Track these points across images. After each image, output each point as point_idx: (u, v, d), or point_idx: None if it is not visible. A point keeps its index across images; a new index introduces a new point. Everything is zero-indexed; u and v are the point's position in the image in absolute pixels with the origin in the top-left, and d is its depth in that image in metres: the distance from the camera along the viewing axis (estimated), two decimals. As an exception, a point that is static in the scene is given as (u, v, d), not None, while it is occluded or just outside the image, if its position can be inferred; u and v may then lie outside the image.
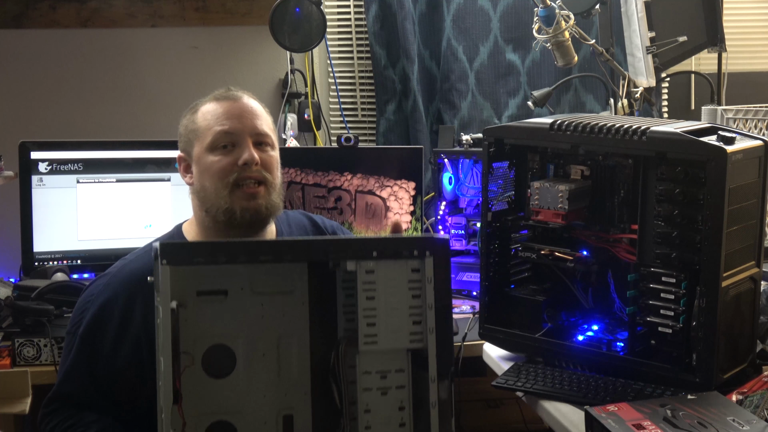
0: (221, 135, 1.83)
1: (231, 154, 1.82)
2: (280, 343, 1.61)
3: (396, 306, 1.56)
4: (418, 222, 2.95)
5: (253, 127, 1.85)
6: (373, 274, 1.55)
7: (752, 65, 3.53)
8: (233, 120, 1.84)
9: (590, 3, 2.71)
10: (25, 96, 3.20)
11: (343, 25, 3.39)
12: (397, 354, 1.58)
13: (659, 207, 1.80)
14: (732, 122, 2.52)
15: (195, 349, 1.55)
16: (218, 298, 1.56)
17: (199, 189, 1.85)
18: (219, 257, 1.50)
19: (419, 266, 1.57)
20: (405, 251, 1.57)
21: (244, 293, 1.58)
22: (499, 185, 2.06)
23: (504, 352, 2.09)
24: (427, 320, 1.56)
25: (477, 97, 3.30)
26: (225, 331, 1.57)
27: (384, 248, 1.56)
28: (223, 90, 1.93)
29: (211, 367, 1.56)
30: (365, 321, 1.55)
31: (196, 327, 1.54)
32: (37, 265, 2.72)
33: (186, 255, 1.48)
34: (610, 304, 1.97)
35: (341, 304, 1.63)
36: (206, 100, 1.91)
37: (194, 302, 1.54)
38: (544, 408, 1.82)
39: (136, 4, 3.21)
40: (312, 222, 2.06)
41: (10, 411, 2.21)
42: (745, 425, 1.50)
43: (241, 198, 1.81)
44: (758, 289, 1.86)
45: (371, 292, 1.55)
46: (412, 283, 1.58)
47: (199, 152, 1.85)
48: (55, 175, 2.74)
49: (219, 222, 1.82)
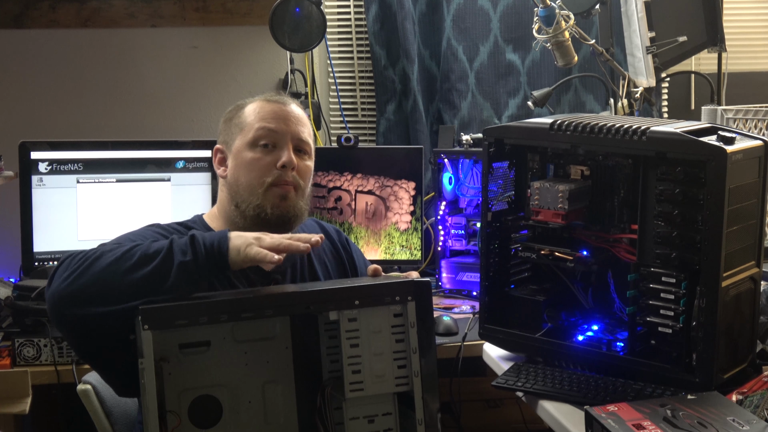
0: (265, 132, 1.87)
1: (271, 154, 1.86)
2: (265, 389, 1.62)
3: (380, 351, 1.57)
4: (418, 222, 2.95)
5: (296, 132, 1.89)
6: (355, 322, 1.56)
7: (752, 65, 3.53)
8: (279, 121, 1.88)
9: (590, 3, 2.71)
10: (25, 96, 3.20)
11: (343, 25, 3.39)
12: (383, 398, 1.59)
13: (659, 207, 1.80)
14: (732, 122, 2.52)
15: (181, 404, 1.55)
16: (201, 350, 1.57)
17: (232, 182, 1.88)
18: (200, 318, 1.50)
19: (402, 311, 1.58)
20: (387, 297, 1.57)
21: (226, 342, 1.59)
22: (499, 185, 2.06)
23: (504, 352, 2.09)
24: (411, 364, 1.57)
25: (477, 97, 3.30)
26: (210, 382, 1.58)
27: (366, 296, 1.56)
28: (273, 93, 1.98)
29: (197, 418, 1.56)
30: (350, 368, 1.55)
31: (181, 379, 1.55)
32: (37, 265, 2.71)
33: (168, 318, 1.49)
34: (610, 304, 1.97)
35: (325, 346, 1.64)
36: (255, 99, 1.94)
37: (177, 355, 1.55)
38: (544, 408, 1.82)
39: (136, 4, 3.21)
40: (324, 230, 2.07)
41: (10, 411, 2.21)
42: (745, 425, 1.50)
43: (274, 196, 1.84)
44: (758, 289, 1.86)
45: (355, 340, 1.56)
46: (396, 327, 1.58)
47: (240, 146, 1.88)
48: (55, 175, 2.74)
49: (247, 217, 1.84)
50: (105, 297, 1.56)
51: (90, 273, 1.58)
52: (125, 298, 1.54)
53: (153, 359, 1.45)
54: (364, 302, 1.55)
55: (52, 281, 1.62)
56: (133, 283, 1.55)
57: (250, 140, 1.87)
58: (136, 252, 1.59)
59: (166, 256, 1.57)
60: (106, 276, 1.57)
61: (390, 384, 1.57)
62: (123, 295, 1.55)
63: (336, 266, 2.02)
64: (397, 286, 1.58)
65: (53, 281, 1.61)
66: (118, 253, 1.60)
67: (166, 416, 1.49)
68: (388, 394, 1.59)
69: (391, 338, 1.57)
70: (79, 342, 1.66)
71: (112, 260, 1.59)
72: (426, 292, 1.60)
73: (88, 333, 1.61)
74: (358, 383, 1.55)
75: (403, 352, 1.58)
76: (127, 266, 1.57)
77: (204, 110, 3.31)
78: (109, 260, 1.59)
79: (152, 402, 1.44)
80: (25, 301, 2.37)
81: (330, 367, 1.63)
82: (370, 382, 1.56)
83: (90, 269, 1.58)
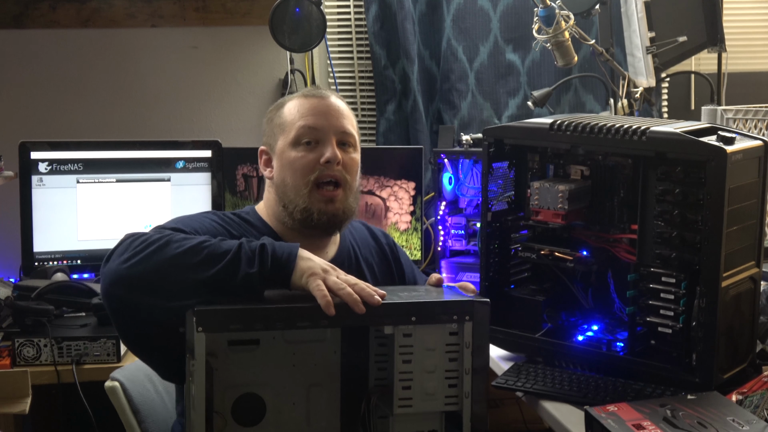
0: (306, 130, 1.84)
1: (314, 151, 1.83)
2: (310, 392, 1.59)
3: (432, 369, 1.53)
4: (418, 222, 2.95)
5: (339, 125, 1.86)
6: (410, 338, 1.52)
7: (752, 65, 3.53)
8: (319, 117, 1.85)
9: (590, 3, 2.71)
10: (25, 96, 3.20)
11: (343, 25, 3.39)
12: (431, 416, 1.56)
13: (659, 207, 1.80)
14: (732, 122, 2.52)
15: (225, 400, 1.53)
16: (250, 348, 1.55)
17: (279, 183, 1.86)
18: (255, 324, 1.48)
19: (458, 330, 1.54)
20: (444, 315, 1.53)
21: (276, 342, 1.56)
22: (499, 185, 2.06)
23: (504, 352, 2.09)
24: (463, 384, 1.53)
25: (477, 97, 3.30)
26: (255, 380, 1.55)
27: (423, 313, 1.52)
28: (311, 87, 1.94)
29: (241, 416, 1.54)
30: (401, 384, 1.52)
31: (227, 376, 1.53)
32: (37, 265, 2.72)
33: (222, 322, 1.45)
34: (610, 304, 1.97)
35: (373, 353, 1.61)
36: (293, 96, 1.92)
37: (225, 352, 1.52)
38: (544, 408, 1.81)
39: (136, 4, 3.21)
40: (371, 233, 2.05)
41: (10, 411, 2.21)
42: (745, 425, 1.50)
43: (320, 200, 1.82)
44: (758, 289, 1.86)
45: (408, 356, 1.52)
46: (450, 346, 1.54)
47: (283, 146, 1.86)
48: (55, 175, 2.74)
49: (295, 220, 1.83)
50: (163, 290, 1.51)
51: (153, 261, 1.52)
52: (183, 296, 1.49)
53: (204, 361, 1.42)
54: (421, 319, 1.51)
55: (110, 258, 1.56)
56: (194, 283, 1.50)
57: (292, 139, 1.84)
58: (204, 249, 1.53)
59: (233, 262, 1.52)
60: (168, 268, 1.52)
61: (439, 402, 1.54)
62: (182, 292, 1.50)
63: (383, 270, 2.00)
64: (455, 305, 1.54)
65: (111, 259, 1.56)
66: (185, 246, 1.54)
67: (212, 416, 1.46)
68: (437, 412, 1.56)
69: (444, 356, 1.54)
70: (125, 326, 1.61)
71: (177, 252, 1.53)
72: (484, 312, 1.55)
73: (137, 320, 1.57)
74: (407, 399, 1.52)
75: (456, 371, 1.54)
76: (192, 263, 1.52)
77: (204, 110, 3.31)
78: (174, 251, 1.53)
79: (200, 403, 1.42)
80: (25, 301, 2.37)
81: (377, 374, 1.60)
82: (419, 399, 1.53)
83: (153, 257, 1.53)
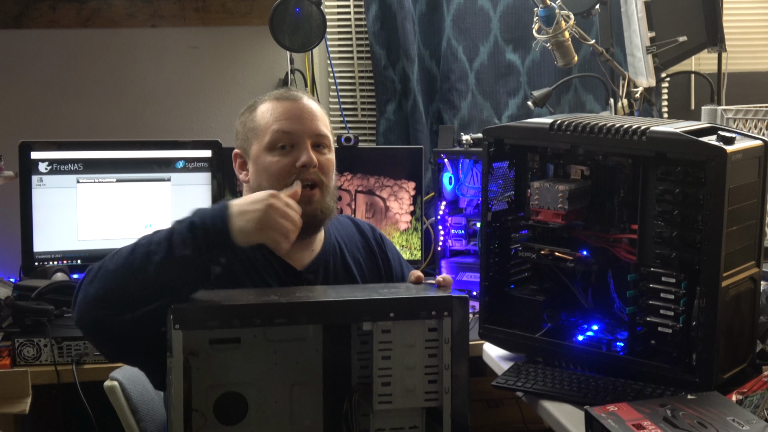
0: (280, 135, 1.83)
1: (289, 155, 1.83)
2: (293, 390, 1.59)
3: (412, 365, 1.54)
4: (418, 222, 2.95)
5: (313, 128, 1.85)
6: (389, 334, 1.53)
7: (752, 65, 3.53)
8: (293, 121, 1.84)
9: (590, 3, 2.71)
10: (25, 96, 3.20)
11: (343, 25, 3.39)
12: (412, 412, 1.56)
13: (659, 207, 1.80)
14: (732, 122, 2.52)
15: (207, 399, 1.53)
16: (231, 346, 1.55)
17: (255, 187, 1.84)
18: (232, 321, 1.48)
19: (437, 326, 1.54)
20: (423, 311, 1.54)
21: (257, 341, 1.57)
22: (499, 185, 2.06)
23: (504, 352, 2.09)
24: (443, 380, 1.54)
25: (477, 97, 3.30)
26: (237, 379, 1.55)
27: (401, 309, 1.53)
28: (282, 90, 1.93)
29: (223, 415, 1.54)
30: (380, 380, 1.53)
31: (209, 375, 1.53)
32: (37, 265, 2.72)
33: (199, 319, 1.47)
34: (610, 304, 1.97)
35: (355, 351, 1.61)
36: (265, 99, 1.90)
37: (207, 351, 1.53)
38: (544, 408, 1.81)
39: (136, 4, 3.21)
40: (358, 228, 2.05)
41: (10, 411, 2.21)
42: (745, 425, 1.50)
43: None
44: (758, 289, 1.86)
45: (387, 352, 1.53)
46: (429, 342, 1.55)
47: (257, 151, 1.85)
48: (55, 175, 2.74)
49: None
50: (122, 302, 1.53)
51: (103, 279, 1.55)
52: (143, 302, 1.51)
53: (182, 358, 1.43)
54: (400, 315, 1.52)
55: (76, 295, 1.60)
56: (143, 286, 1.52)
57: (267, 144, 1.84)
58: (139, 248, 1.55)
59: (168, 251, 1.53)
60: (117, 281, 1.54)
61: (419, 398, 1.55)
62: (140, 299, 1.51)
63: (370, 265, 1.99)
64: (434, 301, 1.55)
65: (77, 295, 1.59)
66: (124, 253, 1.56)
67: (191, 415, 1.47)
68: (417, 408, 1.57)
69: (424, 353, 1.55)
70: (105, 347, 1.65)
71: (119, 263, 1.55)
72: (463, 308, 1.56)
73: (113, 338, 1.59)
74: (387, 395, 1.53)
75: (435, 367, 1.55)
76: (134, 267, 1.53)
77: (204, 110, 3.31)
78: (115, 264, 1.56)
79: (178, 400, 1.43)
80: (25, 301, 2.38)
81: (359, 372, 1.61)
82: (399, 395, 1.54)
83: (99, 274, 1.56)
